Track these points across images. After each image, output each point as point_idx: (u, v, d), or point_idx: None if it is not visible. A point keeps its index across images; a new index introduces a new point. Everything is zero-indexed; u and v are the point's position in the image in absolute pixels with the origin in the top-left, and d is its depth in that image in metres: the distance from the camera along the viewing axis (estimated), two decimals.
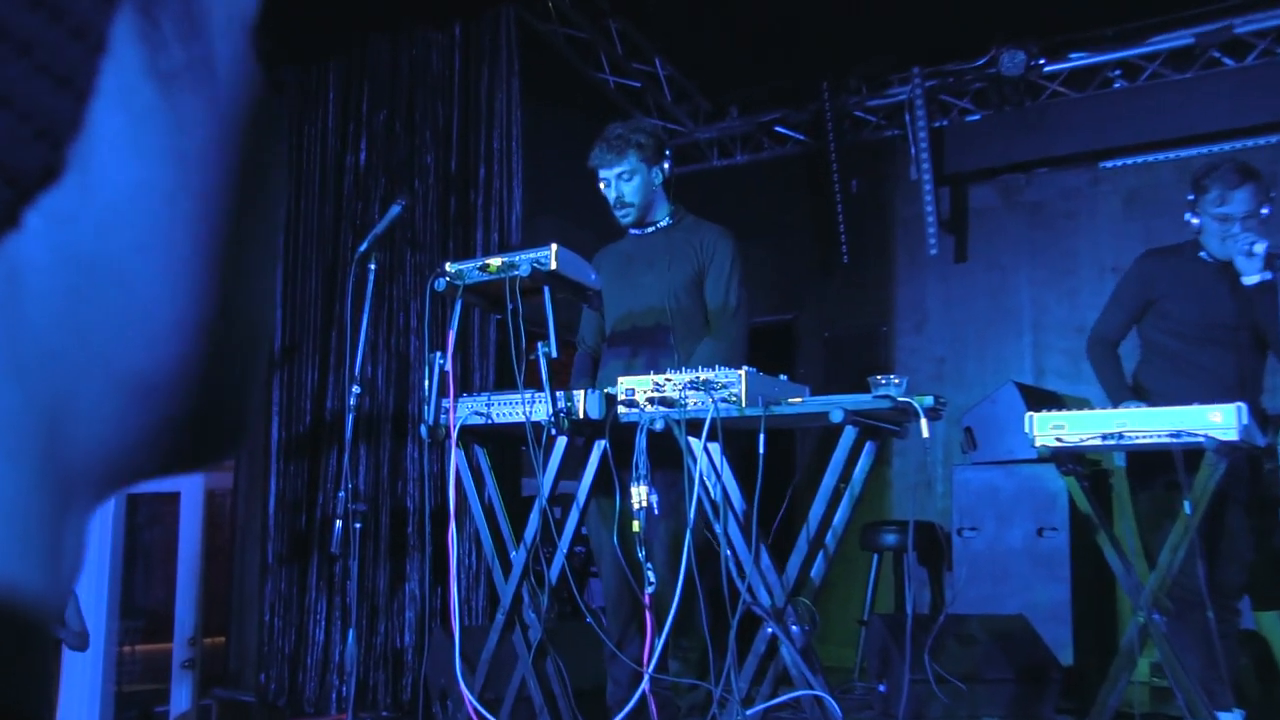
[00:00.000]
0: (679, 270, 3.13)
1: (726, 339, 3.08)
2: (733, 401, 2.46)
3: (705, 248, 3.15)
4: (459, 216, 4.70)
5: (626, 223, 3.22)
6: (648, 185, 3.17)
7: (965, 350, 6.48)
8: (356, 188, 4.83)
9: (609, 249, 3.37)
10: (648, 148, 3.14)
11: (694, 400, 2.50)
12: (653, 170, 3.18)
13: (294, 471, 4.73)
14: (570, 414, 2.60)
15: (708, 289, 3.14)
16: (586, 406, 2.61)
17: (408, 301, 4.61)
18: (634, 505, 2.47)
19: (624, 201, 3.16)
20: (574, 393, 2.62)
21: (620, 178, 3.15)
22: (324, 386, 4.72)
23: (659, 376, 2.57)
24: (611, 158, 3.12)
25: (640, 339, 3.14)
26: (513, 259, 2.59)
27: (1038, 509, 4.80)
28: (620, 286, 3.16)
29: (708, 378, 2.50)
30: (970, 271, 6.54)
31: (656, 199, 3.23)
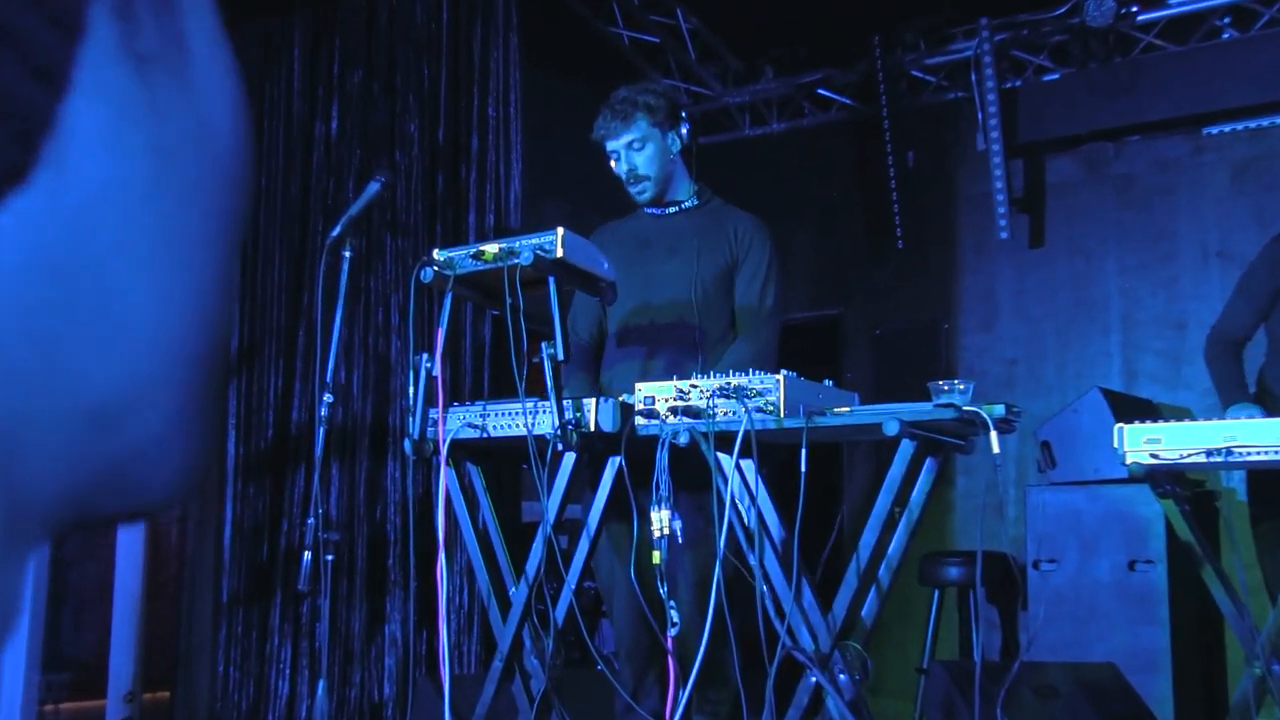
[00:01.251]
0: (708, 260, 3.16)
1: (758, 342, 3.11)
2: (769, 411, 2.48)
3: (740, 239, 3.18)
4: (448, 196, 4.73)
5: (644, 199, 3.24)
6: (663, 154, 3.20)
7: (1042, 351, 6.48)
8: (327, 162, 4.88)
9: (613, 228, 3.39)
10: (658, 110, 3.17)
11: (724, 410, 2.52)
12: (668, 136, 3.20)
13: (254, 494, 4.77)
14: (580, 426, 2.62)
15: (739, 286, 3.16)
16: (599, 417, 2.63)
17: (388, 295, 4.65)
18: (654, 533, 2.49)
19: (638, 174, 3.19)
20: (584, 401, 2.64)
21: (630, 148, 3.17)
22: (289, 394, 4.76)
23: (683, 382, 2.59)
24: (617, 125, 3.15)
25: (659, 338, 3.16)
26: (512, 245, 2.62)
27: (1129, 538, 4.79)
28: (633, 274, 3.18)
29: (740, 384, 2.52)
30: (1048, 258, 6.54)
31: (676, 172, 3.25)
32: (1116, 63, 6.27)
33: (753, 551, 2.54)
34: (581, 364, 3.32)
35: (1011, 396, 6.27)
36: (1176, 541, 4.61)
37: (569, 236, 2.61)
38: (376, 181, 3.42)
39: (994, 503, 5.71)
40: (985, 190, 6.50)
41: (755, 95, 7.36)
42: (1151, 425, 2.77)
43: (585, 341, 3.37)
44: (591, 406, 2.64)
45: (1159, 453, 2.72)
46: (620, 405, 2.65)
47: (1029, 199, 6.62)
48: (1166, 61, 6.16)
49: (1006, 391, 6.31)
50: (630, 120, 3.14)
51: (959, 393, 2.48)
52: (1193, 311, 6.07)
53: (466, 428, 2.78)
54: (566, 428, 2.59)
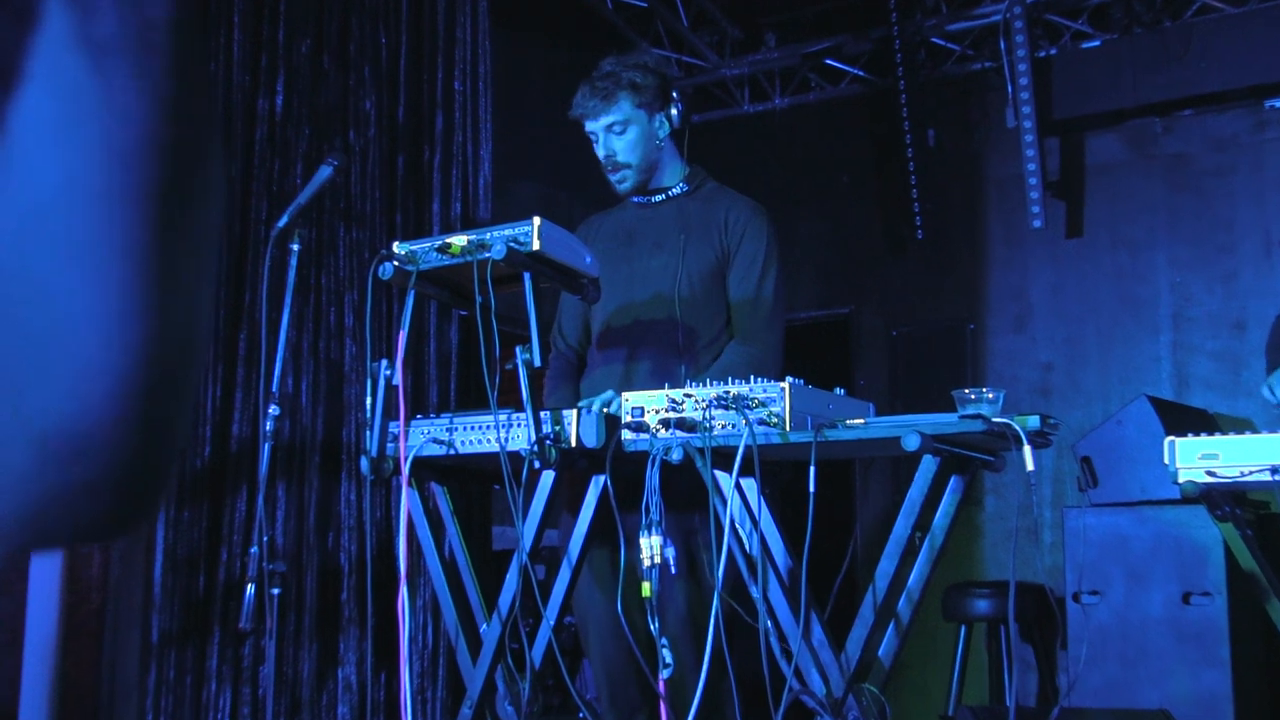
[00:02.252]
0: (696, 252, 3.17)
1: (758, 343, 3.13)
2: (774, 423, 2.49)
3: (731, 225, 3.19)
4: (409, 181, 4.74)
5: (624, 189, 3.26)
6: (648, 139, 3.21)
7: (1082, 355, 6.52)
8: (271, 142, 4.88)
9: (599, 220, 3.41)
10: (646, 89, 3.18)
11: (722, 423, 2.53)
12: (655, 119, 3.22)
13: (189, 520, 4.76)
14: (559, 441, 2.64)
15: (732, 280, 3.18)
16: (580, 431, 2.64)
17: (341, 294, 4.66)
18: (643, 562, 2.50)
19: (617, 162, 3.21)
20: (563, 413, 2.65)
21: (611, 131, 3.19)
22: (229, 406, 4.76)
23: (676, 391, 2.60)
24: (597, 105, 3.16)
25: (642, 341, 3.18)
26: (482, 237, 2.63)
27: (1183, 567, 4.81)
28: (617, 270, 3.20)
29: (740, 393, 2.53)
30: (1088, 249, 6.58)
31: (664, 157, 3.27)
32: (1166, 27, 6.30)
33: (755, 582, 2.55)
34: (566, 374, 3.33)
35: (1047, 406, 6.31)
36: (1238, 571, 4.63)
37: (546, 227, 2.63)
38: (328, 165, 3.43)
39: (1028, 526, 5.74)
40: (1016, 173, 6.54)
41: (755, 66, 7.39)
42: (1207, 438, 2.79)
43: (571, 348, 3.38)
44: (572, 419, 2.65)
45: (1216, 470, 2.74)
46: (605, 418, 2.66)
47: (1066, 182, 6.66)
48: (1223, 25, 6.19)
49: (1041, 401, 6.35)
50: (612, 100, 3.16)
51: (987, 402, 2.49)
52: (1253, 309, 6.11)
53: (431, 443, 2.79)
54: (544, 443, 2.60)
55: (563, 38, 5.93)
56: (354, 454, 4.53)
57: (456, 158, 4.74)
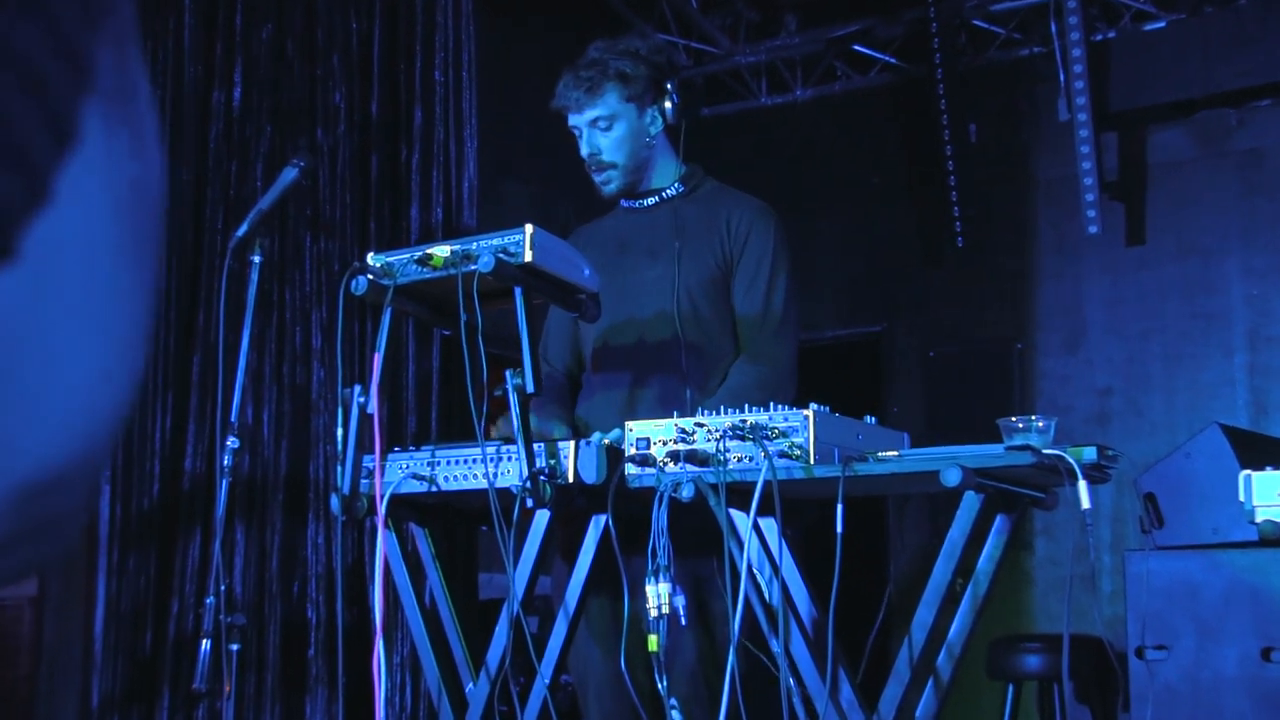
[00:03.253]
0: (693, 261, 3.19)
1: (767, 361, 3.14)
2: (796, 456, 2.51)
3: (734, 229, 3.20)
4: (385, 184, 4.77)
5: (609, 192, 3.27)
6: (637, 136, 3.23)
7: (1145, 377, 6.53)
8: (228, 141, 4.91)
9: (593, 229, 3.43)
10: (636, 80, 3.20)
11: (739, 455, 2.55)
12: (646, 114, 3.23)
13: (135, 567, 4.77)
14: (555, 476, 2.65)
15: (737, 290, 3.19)
16: (579, 465, 2.66)
17: (308, 311, 4.68)
18: (650, 612, 2.51)
19: (601, 161, 3.22)
20: (560, 445, 2.67)
21: (595, 126, 3.20)
22: (181, 439, 4.77)
23: (686, 420, 2.62)
24: (580, 96, 3.17)
25: (644, 363, 3.20)
26: (467, 247, 2.65)
27: (1262, 619, 4.80)
28: (611, 285, 3.21)
29: (758, 421, 2.55)
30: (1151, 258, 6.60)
31: (657, 157, 3.28)
32: (1240, 5, 6.32)
33: (776, 635, 2.57)
34: (556, 399, 3.35)
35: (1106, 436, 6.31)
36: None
37: (540, 235, 2.65)
38: (292, 166, 3.45)
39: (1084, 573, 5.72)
40: (1069, 173, 6.56)
41: (774, 53, 7.43)
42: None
43: (560, 370, 3.40)
44: (569, 452, 2.67)
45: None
46: (607, 450, 2.68)
47: (1126, 183, 6.68)
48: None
49: (1099, 430, 6.36)
50: (597, 91, 3.17)
51: (1037, 431, 2.51)
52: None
53: (410, 480, 2.81)
54: (538, 479, 2.62)
55: (557, 22, 5.96)
56: (323, 492, 4.54)
57: (438, 157, 4.77)
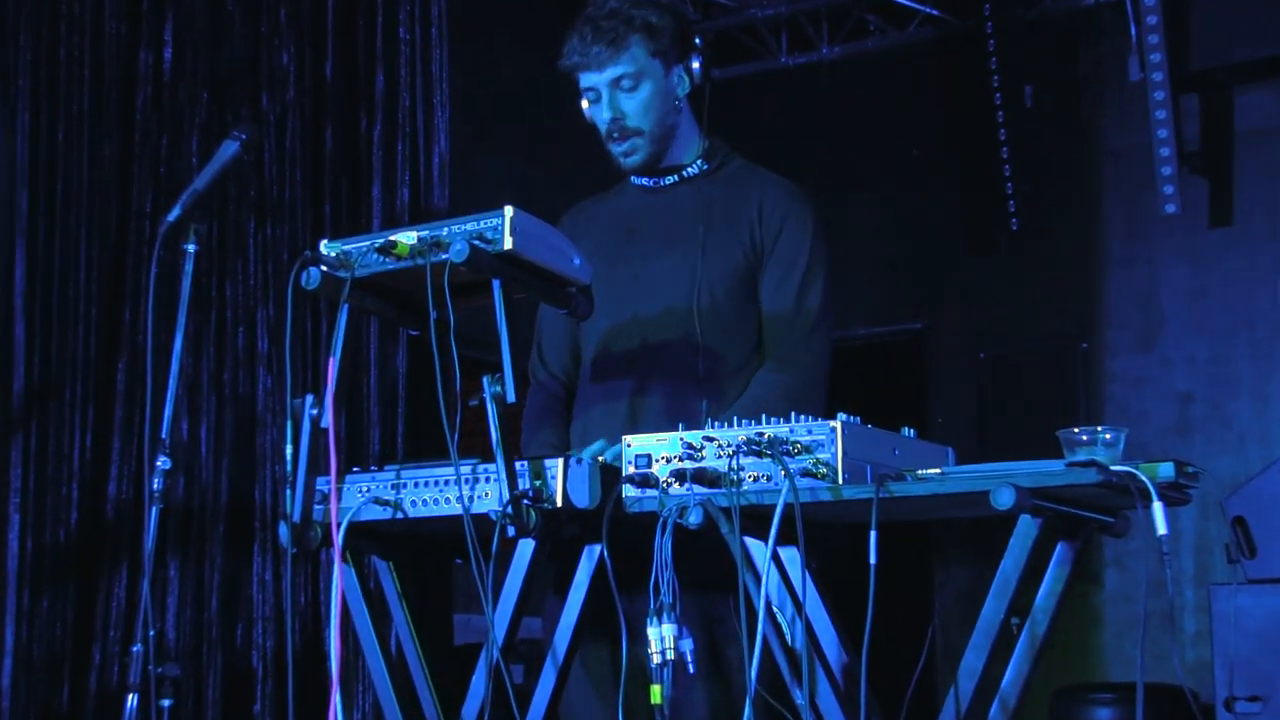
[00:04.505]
0: (719, 250, 3.19)
1: (797, 369, 3.14)
2: (822, 475, 2.50)
3: (766, 215, 3.21)
4: (341, 159, 4.77)
5: (633, 164, 3.27)
6: (665, 98, 3.23)
7: (1232, 380, 6.52)
8: (158, 110, 4.90)
9: (588, 210, 3.44)
10: (663, 32, 3.20)
11: (755, 474, 2.55)
12: (674, 73, 3.24)
13: (48, 610, 4.76)
14: (541, 500, 2.65)
15: (765, 286, 3.20)
16: (569, 486, 2.65)
17: (253, 309, 4.67)
18: (653, 658, 2.51)
19: (626, 127, 3.21)
20: (546, 464, 2.67)
21: (618, 87, 3.20)
22: (103, 459, 4.77)
23: (693, 433, 2.62)
24: (602, 51, 3.17)
25: (651, 368, 3.20)
26: (438, 233, 2.65)
27: None
28: (615, 275, 3.21)
29: (777, 435, 2.55)
30: (1239, 242, 6.59)
31: (681, 125, 3.29)
32: None
33: (800, 685, 2.56)
34: (547, 411, 3.35)
35: (1187, 451, 6.28)
36: None
37: (521, 219, 2.64)
38: (233, 139, 3.45)
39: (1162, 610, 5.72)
40: (1142, 142, 6.55)
41: (796, 4, 7.43)
42: None
43: (555, 378, 3.41)
44: (558, 471, 2.66)
45: None
46: (601, 469, 2.68)
47: (1209, 154, 6.66)
48: None
49: (1178, 442, 6.34)
50: (621, 45, 3.16)
51: (1104, 445, 2.51)
52: None
53: (372, 505, 2.80)
54: (521, 503, 2.62)
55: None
56: (270, 520, 4.54)
57: (403, 128, 4.77)
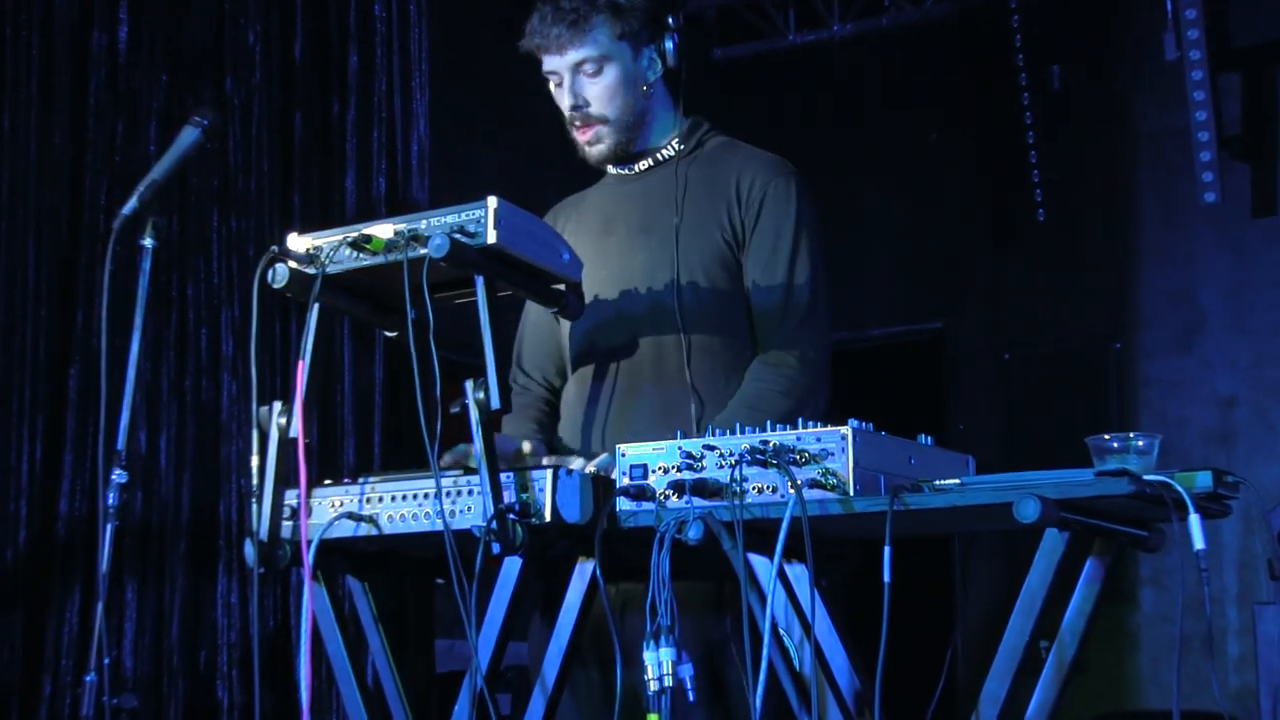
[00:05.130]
0: (695, 235, 3.20)
1: (793, 361, 3.14)
2: (832, 486, 2.50)
3: (745, 192, 3.22)
4: (312, 147, 4.77)
5: (598, 155, 3.30)
6: (633, 83, 3.25)
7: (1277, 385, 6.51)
8: (113, 94, 4.90)
9: (570, 206, 3.46)
10: (631, 12, 3.21)
11: (760, 485, 2.55)
12: (643, 55, 3.25)
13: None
14: (528, 514, 2.65)
15: (750, 268, 3.21)
16: (558, 499, 2.66)
17: (216, 308, 4.67)
18: (649, 685, 2.51)
19: (589, 115, 3.24)
20: (534, 476, 2.67)
21: (581, 71, 3.22)
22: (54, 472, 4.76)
23: (692, 441, 2.62)
24: (562, 33, 3.18)
25: (640, 368, 3.21)
26: (416, 226, 2.65)
27: None
28: (593, 270, 3.21)
29: (783, 442, 2.55)
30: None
31: (654, 109, 3.31)
32: None
33: (808, 713, 2.57)
34: (532, 417, 3.35)
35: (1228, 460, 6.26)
36: None
37: (507, 211, 2.65)
38: (195, 125, 3.45)
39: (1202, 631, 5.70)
40: (1179, 125, 6.55)
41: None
42: None
43: (538, 383, 3.42)
44: (546, 483, 2.66)
45: None
46: (592, 480, 2.68)
47: (1252, 138, 6.66)
48: None
49: (1220, 450, 6.33)
50: (583, 26, 3.17)
51: (1137, 453, 2.51)
52: None
53: (345, 521, 2.80)
54: (506, 517, 2.62)
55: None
56: (235, 537, 4.54)
57: (379, 113, 4.77)
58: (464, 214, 2.64)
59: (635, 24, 3.20)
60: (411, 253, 2.63)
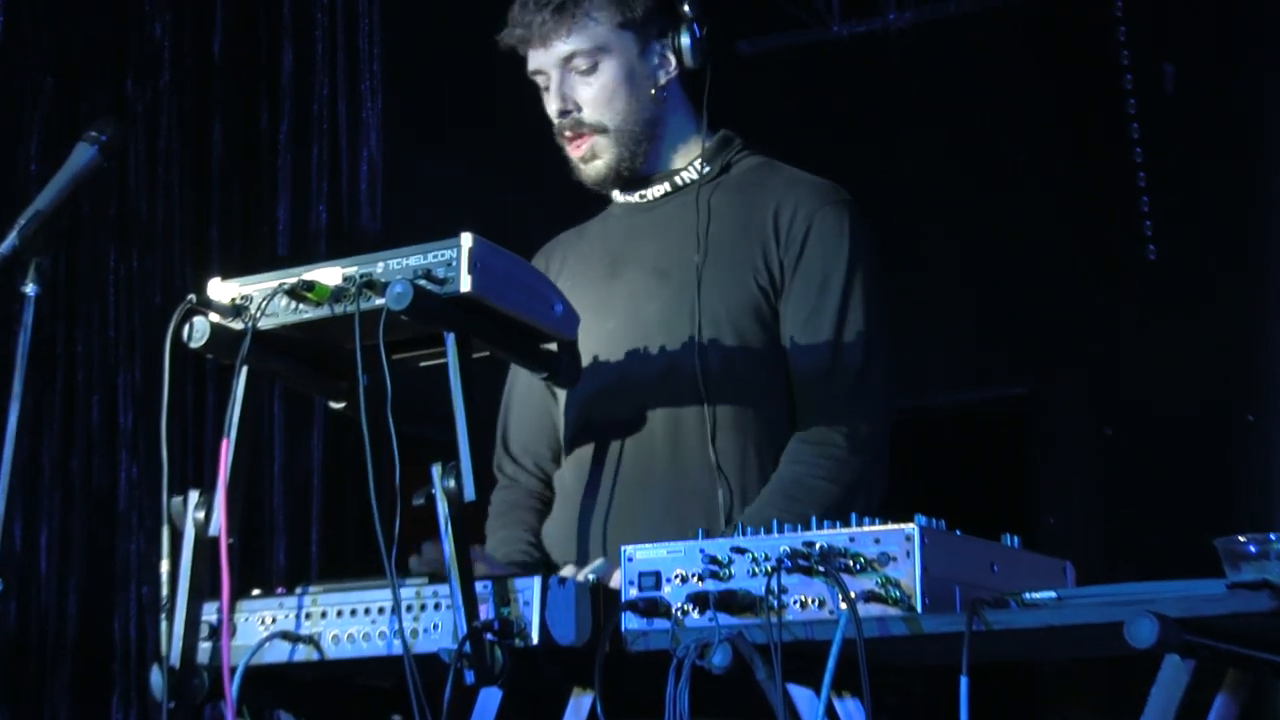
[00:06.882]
0: (724, 280, 3.23)
1: (844, 437, 3.16)
2: (893, 600, 2.51)
3: (786, 226, 3.24)
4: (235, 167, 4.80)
5: (594, 174, 3.33)
6: (638, 84, 3.29)
7: None
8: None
9: (566, 242, 3.51)
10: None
11: (804, 598, 2.56)
12: (651, 50, 3.30)
13: None
14: (509, 633, 2.66)
15: (790, 323, 3.23)
16: (548, 615, 2.66)
17: (113, 370, 4.69)
18: None
19: (580, 122, 3.28)
20: (519, 584, 2.67)
21: (570, 68, 3.26)
22: None
23: (716, 541, 2.63)
24: (547, 22, 3.22)
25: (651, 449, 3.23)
26: (370, 269, 2.67)
27: None
28: (594, 321, 3.23)
29: (832, 543, 2.56)
30: None
31: (668, 120, 3.35)
32: None
33: None
34: (517, 507, 3.35)
35: None
36: None
37: (484, 251, 2.66)
38: (90, 143, 3.47)
39: None
40: None
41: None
42: None
43: (529, 472, 3.44)
44: (534, 594, 2.67)
45: None
46: (593, 591, 2.69)
47: None
48: None
49: None
50: (574, 12, 3.22)
51: (1277, 559, 2.52)
52: None
53: (278, 642, 2.81)
54: (483, 638, 2.63)
55: None
56: (137, 661, 4.55)
57: (319, 123, 4.80)
58: (431, 255, 2.65)
59: (641, 9, 3.23)
60: (365, 303, 2.64)
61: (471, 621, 2.61)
